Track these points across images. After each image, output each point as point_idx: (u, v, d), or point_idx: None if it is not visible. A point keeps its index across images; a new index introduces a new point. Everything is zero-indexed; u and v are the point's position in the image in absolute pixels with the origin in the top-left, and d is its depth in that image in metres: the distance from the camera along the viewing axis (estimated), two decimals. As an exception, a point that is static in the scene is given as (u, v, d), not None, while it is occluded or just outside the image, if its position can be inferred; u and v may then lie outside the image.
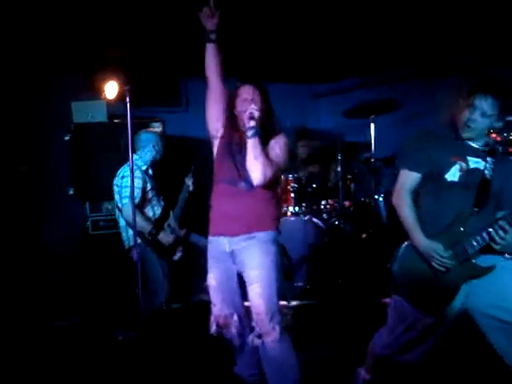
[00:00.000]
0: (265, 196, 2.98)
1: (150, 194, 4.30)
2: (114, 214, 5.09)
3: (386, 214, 5.81)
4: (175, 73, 6.52)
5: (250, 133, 2.84)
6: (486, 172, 2.76)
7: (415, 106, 6.17)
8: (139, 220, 4.03)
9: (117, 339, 4.28)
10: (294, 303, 4.86)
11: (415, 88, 6.42)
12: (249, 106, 2.87)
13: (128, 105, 3.08)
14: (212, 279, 3.04)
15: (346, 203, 5.75)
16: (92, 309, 4.78)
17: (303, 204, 5.54)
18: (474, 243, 2.69)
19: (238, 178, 2.93)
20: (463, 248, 2.71)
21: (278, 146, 2.99)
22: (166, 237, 4.25)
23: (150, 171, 4.50)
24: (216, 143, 3.13)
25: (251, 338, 2.93)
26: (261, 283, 2.88)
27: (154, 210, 4.34)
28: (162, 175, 4.73)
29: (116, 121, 5.32)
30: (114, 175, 4.67)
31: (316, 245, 5.25)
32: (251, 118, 2.84)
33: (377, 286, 4.86)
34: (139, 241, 4.14)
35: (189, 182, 4.75)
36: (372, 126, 5.61)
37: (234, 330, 3.04)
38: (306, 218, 5.35)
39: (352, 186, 5.68)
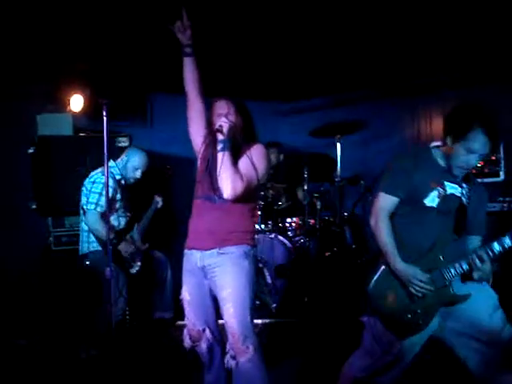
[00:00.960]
0: (239, 210, 2.92)
1: (117, 204, 4.25)
2: (78, 230, 5.02)
3: (350, 232, 5.86)
4: (141, 88, 6.49)
5: (219, 147, 2.81)
6: (463, 199, 2.80)
7: (380, 127, 6.30)
8: (101, 228, 4.02)
9: (80, 357, 4.17)
10: (261, 321, 4.83)
11: (380, 109, 6.56)
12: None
13: (105, 119, 3.02)
14: (186, 293, 3.01)
15: (311, 221, 5.77)
16: (54, 326, 4.64)
17: (269, 222, 5.56)
18: (452, 270, 2.70)
19: (212, 193, 2.89)
20: (441, 274, 2.72)
21: (248, 158, 2.90)
22: (126, 247, 4.19)
23: (123, 182, 4.46)
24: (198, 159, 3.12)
25: (226, 359, 2.87)
26: (233, 303, 2.81)
27: (119, 221, 4.29)
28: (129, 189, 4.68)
29: (81, 134, 5.25)
30: (78, 189, 4.60)
31: (282, 262, 5.25)
32: (219, 131, 2.80)
33: (344, 303, 4.91)
34: (99, 248, 4.14)
35: (158, 198, 4.75)
36: (338, 145, 5.66)
37: (203, 346, 3.02)
38: (271, 236, 5.35)
39: (318, 204, 5.70)
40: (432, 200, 2.76)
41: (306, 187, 5.61)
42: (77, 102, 5.40)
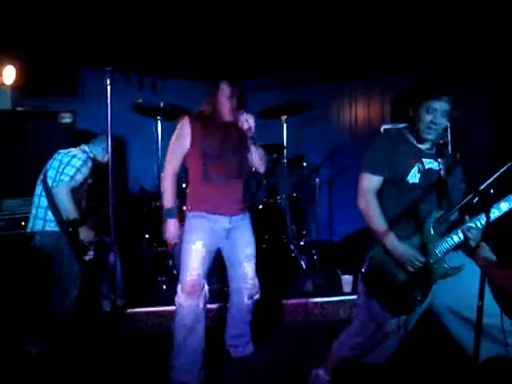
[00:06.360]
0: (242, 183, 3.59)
1: (85, 187, 3.98)
2: (17, 214, 4.64)
3: (291, 214, 5.87)
4: (71, 63, 6.09)
5: (251, 142, 3.40)
6: (442, 173, 2.88)
7: (318, 110, 6.33)
8: (69, 202, 3.84)
9: (29, 352, 3.84)
10: (212, 306, 4.68)
11: (320, 92, 6.60)
12: (242, 115, 3.29)
13: (108, 88, 2.78)
14: (200, 245, 3.36)
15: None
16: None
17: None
18: (445, 244, 2.74)
19: (231, 174, 3.44)
20: (434, 249, 2.75)
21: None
22: (86, 232, 3.94)
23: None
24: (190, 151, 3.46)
25: (246, 300, 3.67)
26: (254, 258, 3.66)
27: (81, 205, 4.00)
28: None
29: (20, 109, 4.81)
30: (18, 168, 4.25)
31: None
32: (250, 129, 3.31)
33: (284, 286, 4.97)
34: (55, 229, 3.88)
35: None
36: (285, 126, 5.62)
37: (201, 302, 3.36)
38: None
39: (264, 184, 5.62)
40: (414, 176, 2.81)
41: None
42: (10, 74, 4.93)
